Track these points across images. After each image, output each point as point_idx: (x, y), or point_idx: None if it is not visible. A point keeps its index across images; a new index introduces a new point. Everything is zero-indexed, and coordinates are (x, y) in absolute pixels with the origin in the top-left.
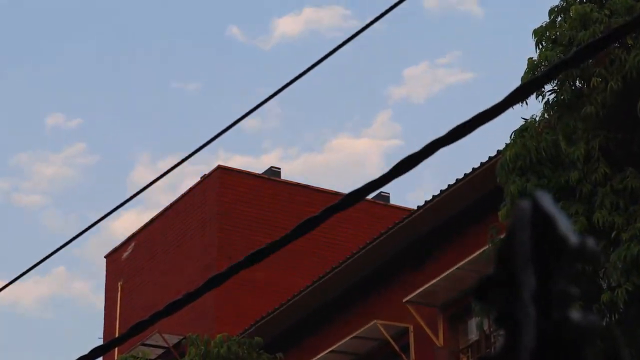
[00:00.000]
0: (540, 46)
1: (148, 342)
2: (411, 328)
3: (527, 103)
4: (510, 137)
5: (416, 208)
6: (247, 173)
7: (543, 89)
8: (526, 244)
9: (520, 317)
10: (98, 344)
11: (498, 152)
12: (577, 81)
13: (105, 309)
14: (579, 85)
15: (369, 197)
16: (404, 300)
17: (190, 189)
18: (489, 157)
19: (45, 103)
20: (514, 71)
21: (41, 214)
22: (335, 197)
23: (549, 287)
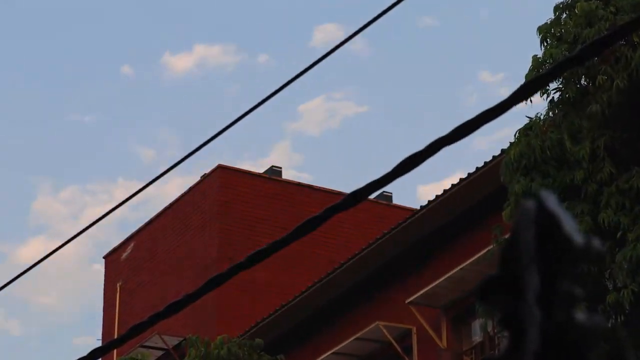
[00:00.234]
0: (545, 43)
1: (147, 344)
2: (414, 329)
3: (532, 101)
4: (514, 136)
5: (419, 208)
6: (248, 172)
7: (548, 87)
8: (530, 245)
9: (524, 318)
10: (97, 346)
11: (502, 152)
12: (583, 79)
13: (103, 310)
14: (584, 83)
15: (371, 197)
16: (407, 301)
17: (190, 189)
18: (493, 157)
19: None
20: (515, 71)
21: None
22: (336, 197)
23: (554, 288)
